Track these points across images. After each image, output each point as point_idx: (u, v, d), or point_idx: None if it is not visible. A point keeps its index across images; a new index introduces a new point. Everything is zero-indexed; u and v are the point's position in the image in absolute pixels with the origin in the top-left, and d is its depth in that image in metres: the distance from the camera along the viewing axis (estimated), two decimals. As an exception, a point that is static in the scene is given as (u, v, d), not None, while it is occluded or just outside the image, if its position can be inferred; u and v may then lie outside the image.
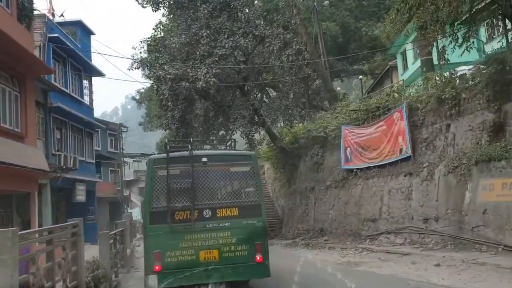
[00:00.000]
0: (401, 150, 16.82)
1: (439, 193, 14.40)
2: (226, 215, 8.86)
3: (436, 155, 15.34)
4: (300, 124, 28.61)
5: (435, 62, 18.35)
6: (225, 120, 28.04)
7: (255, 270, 8.89)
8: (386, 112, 18.21)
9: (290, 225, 25.07)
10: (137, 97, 45.21)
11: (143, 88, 45.08)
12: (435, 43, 16.90)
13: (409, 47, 25.87)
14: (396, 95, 19.19)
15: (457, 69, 16.35)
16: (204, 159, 9.02)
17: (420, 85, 17.70)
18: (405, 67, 31.52)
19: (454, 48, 15.18)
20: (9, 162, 12.78)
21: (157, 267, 8.39)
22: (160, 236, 8.56)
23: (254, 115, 24.34)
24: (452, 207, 13.75)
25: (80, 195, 23.78)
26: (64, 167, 20.75)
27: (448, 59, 14.71)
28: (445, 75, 16.04)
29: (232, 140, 11.48)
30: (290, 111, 24.40)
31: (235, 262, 8.71)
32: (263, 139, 29.37)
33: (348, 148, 20.24)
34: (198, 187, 8.88)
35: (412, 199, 15.67)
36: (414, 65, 28.55)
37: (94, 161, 27.06)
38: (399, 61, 32.60)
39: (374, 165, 18.26)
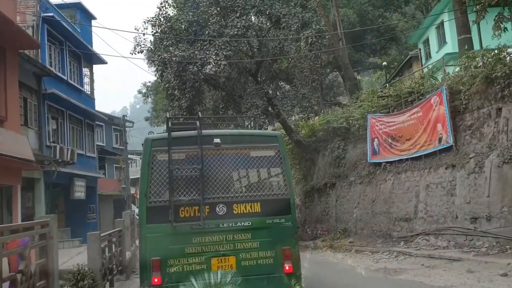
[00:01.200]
0: (440, 139, 14.65)
1: (492, 188, 12.22)
2: (245, 212, 6.96)
3: (484, 143, 13.15)
4: (316, 118, 26.43)
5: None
6: (236, 112, 25.93)
7: (284, 283, 6.86)
8: (420, 97, 16.05)
9: (308, 225, 22.94)
10: (144, 90, 43.33)
11: (149, 82, 43.38)
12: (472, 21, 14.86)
13: (446, 18, 23.60)
14: (432, 79, 16.99)
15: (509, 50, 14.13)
16: (217, 140, 7.10)
17: (461, 65, 15.47)
18: (428, 57, 29.40)
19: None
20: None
21: (156, 279, 6.49)
22: (160, 239, 6.68)
23: (268, 106, 22.19)
24: (509, 204, 11.59)
25: (79, 192, 21.82)
26: (60, 160, 18.78)
27: (505, 28, 12.47)
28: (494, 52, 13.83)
29: (253, 117, 9.24)
30: (307, 101, 22.17)
31: (258, 273, 6.80)
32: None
33: (376, 139, 18.08)
34: (209, 176, 6.96)
35: (456, 195, 13.50)
36: (438, 54, 26.39)
37: (95, 156, 25.06)
38: (421, 49, 30.45)
39: (407, 157, 16.10)
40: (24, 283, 4.84)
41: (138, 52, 21.48)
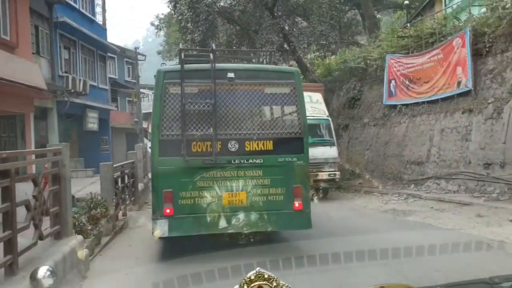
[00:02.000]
0: (459, 83, 14.23)
1: (509, 134, 11.98)
2: (257, 149, 6.95)
3: (505, 89, 12.74)
4: (332, 57, 25.76)
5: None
6: (250, 48, 25.37)
7: (293, 219, 7.04)
8: (442, 39, 15.45)
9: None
10: (156, 23, 42.41)
11: (162, 14, 42.22)
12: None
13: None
14: (454, 20, 16.26)
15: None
16: (231, 75, 6.96)
17: (487, 6, 14.72)
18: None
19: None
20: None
21: (168, 210, 6.61)
22: (172, 172, 6.73)
23: (283, 42, 21.63)
24: (525, 151, 11.41)
25: (92, 123, 21.89)
26: (72, 90, 18.69)
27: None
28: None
29: (270, 52, 9.69)
30: (325, 39, 21.47)
31: (268, 208, 6.89)
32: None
33: (393, 81, 17.66)
34: (222, 111, 6.89)
35: (471, 141, 13.30)
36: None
37: (108, 87, 24.91)
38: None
39: (424, 100, 15.76)
40: (38, 208, 4.87)
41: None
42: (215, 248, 6.12)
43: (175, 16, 23.22)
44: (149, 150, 9.40)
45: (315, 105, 15.26)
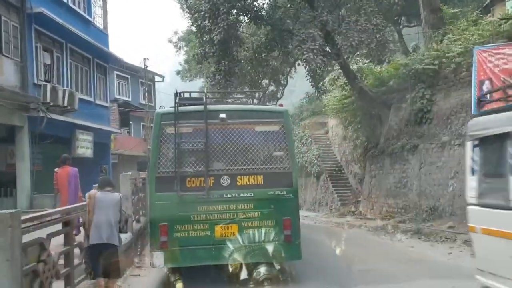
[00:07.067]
0: None
1: None
2: (248, 183, 7.48)
3: None
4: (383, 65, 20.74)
5: None
6: (282, 54, 20.71)
7: (283, 251, 7.32)
8: None
9: (373, 200, 17.75)
10: (174, 39, 38.40)
11: (182, 32, 38.32)
12: None
13: None
14: None
15: None
16: (223, 115, 7.57)
17: None
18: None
19: None
20: None
21: (163, 243, 7.18)
22: (168, 206, 7.30)
23: (325, 43, 16.76)
24: None
25: (84, 148, 17.30)
26: (51, 103, 14.18)
27: None
28: None
29: (263, 92, 10.28)
30: (381, 35, 16.50)
31: (258, 240, 7.32)
32: (335, 81, 21.64)
33: (486, 82, 12.50)
34: (214, 149, 7.51)
35: None
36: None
37: (108, 105, 20.35)
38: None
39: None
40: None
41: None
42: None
43: (191, 14, 18.81)
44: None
45: None
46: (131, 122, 35.00)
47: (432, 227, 12.36)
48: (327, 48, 17.34)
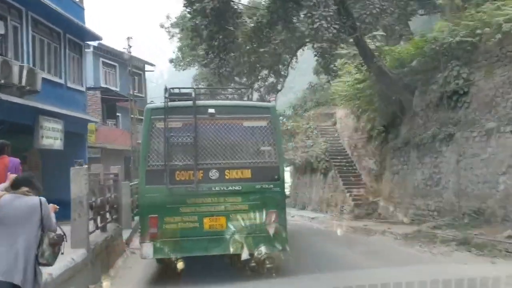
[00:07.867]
0: None
1: None
2: (236, 177, 7.69)
3: None
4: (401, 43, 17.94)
5: None
6: (288, 32, 17.94)
7: (270, 242, 7.51)
8: None
9: (395, 200, 15.03)
10: (166, 25, 35.48)
11: (175, 18, 35.38)
12: None
13: None
14: None
15: None
16: (211, 110, 7.82)
17: None
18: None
19: None
20: None
21: (153, 234, 7.37)
22: (157, 199, 7.49)
23: (338, 15, 14.02)
24: None
25: (51, 138, 14.47)
26: (1, 81, 11.42)
27: None
28: None
29: (250, 88, 11.73)
30: (404, 3, 13.71)
31: (246, 232, 7.51)
32: (344, 66, 18.86)
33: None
34: (203, 143, 7.71)
35: None
36: None
37: (83, 89, 17.47)
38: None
39: None
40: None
41: None
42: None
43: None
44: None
45: None
46: (118, 114, 32.22)
47: (483, 235, 9.61)
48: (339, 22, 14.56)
